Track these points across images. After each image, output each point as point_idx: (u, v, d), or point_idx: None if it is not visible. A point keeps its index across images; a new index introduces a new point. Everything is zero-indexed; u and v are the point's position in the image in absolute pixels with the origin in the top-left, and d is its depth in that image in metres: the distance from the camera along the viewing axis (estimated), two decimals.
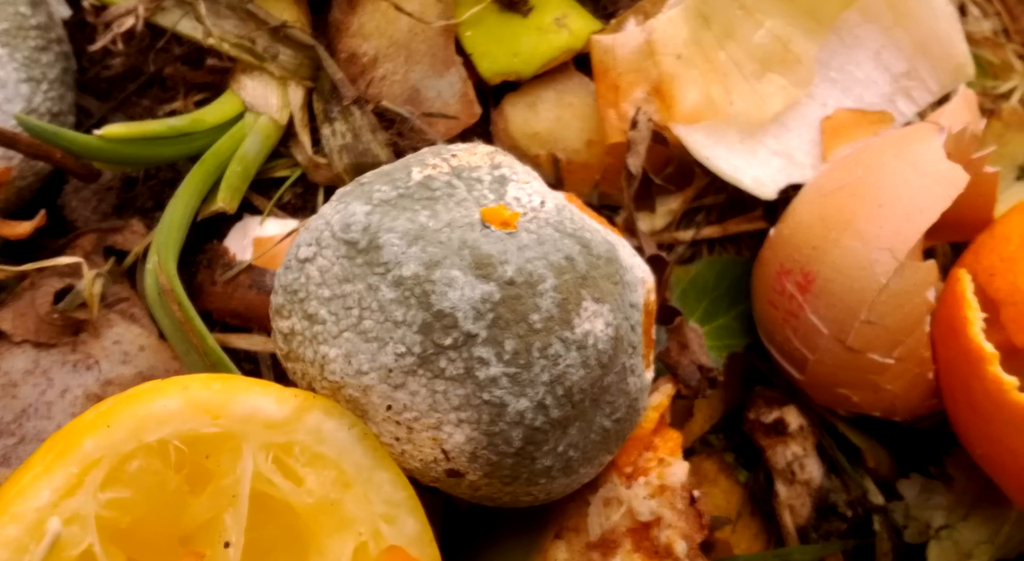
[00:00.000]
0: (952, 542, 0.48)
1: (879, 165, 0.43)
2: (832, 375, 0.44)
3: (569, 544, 0.38)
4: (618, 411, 0.36)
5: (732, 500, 0.51)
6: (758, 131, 0.50)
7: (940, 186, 0.41)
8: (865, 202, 0.42)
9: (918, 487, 0.50)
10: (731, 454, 0.51)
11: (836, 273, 0.42)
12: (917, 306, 0.42)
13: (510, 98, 0.52)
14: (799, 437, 0.48)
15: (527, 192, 0.35)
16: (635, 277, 0.37)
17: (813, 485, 0.48)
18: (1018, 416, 0.40)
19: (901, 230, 0.41)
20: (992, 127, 0.55)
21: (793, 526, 0.49)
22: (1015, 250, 0.44)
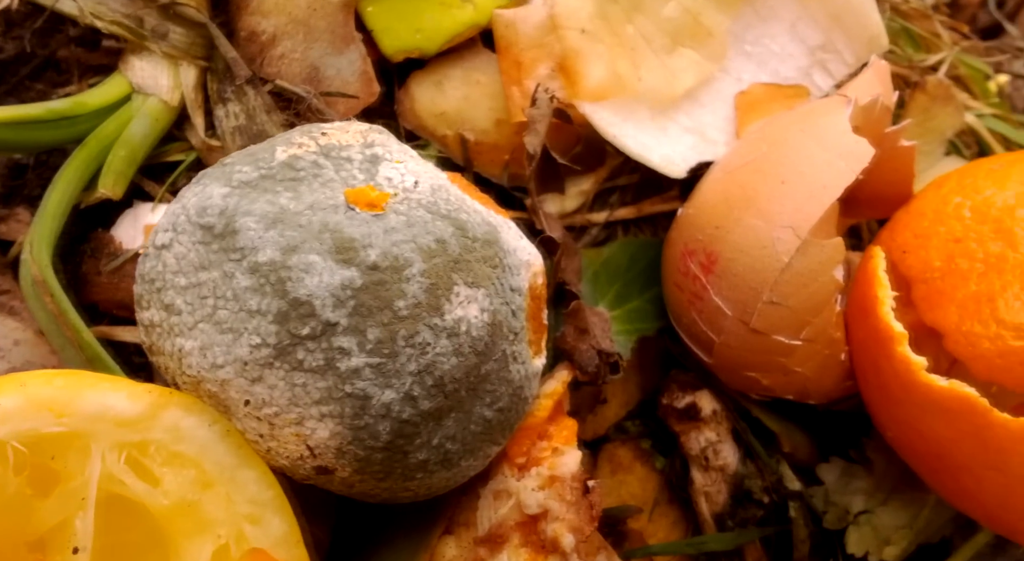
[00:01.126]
0: (871, 528, 0.47)
1: (784, 140, 0.42)
2: (739, 358, 0.43)
3: (459, 539, 0.37)
4: (500, 400, 0.34)
5: (648, 488, 0.49)
6: (670, 108, 0.48)
7: (845, 160, 0.39)
8: (768, 179, 0.41)
9: (838, 471, 0.48)
10: (648, 440, 0.50)
11: (738, 253, 0.40)
12: (824, 285, 0.40)
13: (416, 76, 0.50)
14: (713, 422, 0.47)
15: (400, 172, 0.33)
16: (519, 260, 0.35)
17: (729, 471, 0.47)
18: (926, 397, 0.39)
19: (803, 207, 0.39)
20: (917, 100, 0.54)
21: (710, 513, 0.47)
22: (929, 226, 0.43)
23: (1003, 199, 0.42)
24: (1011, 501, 0.39)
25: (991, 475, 0.38)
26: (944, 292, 0.41)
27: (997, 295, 0.39)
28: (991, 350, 0.39)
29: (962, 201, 0.43)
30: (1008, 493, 0.38)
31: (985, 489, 0.39)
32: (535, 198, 0.43)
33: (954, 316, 0.40)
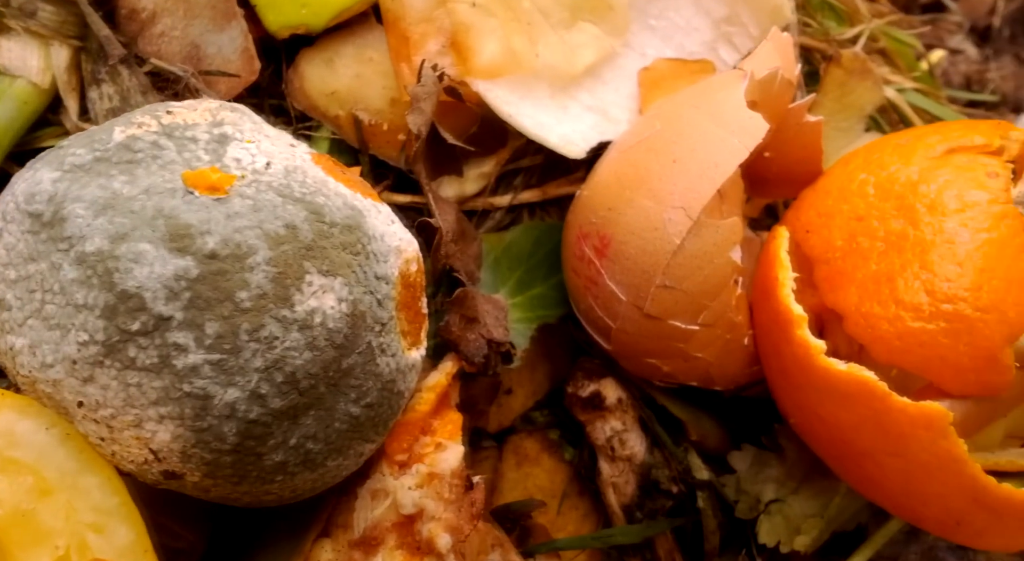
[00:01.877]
0: (782, 517, 0.45)
1: (678, 117, 0.40)
2: (637, 344, 0.41)
3: (335, 542, 0.35)
4: (368, 395, 0.32)
5: (556, 480, 0.48)
6: (571, 85, 0.46)
7: (738, 137, 0.38)
8: (660, 157, 0.39)
9: (750, 459, 0.47)
10: (556, 431, 0.48)
11: (630, 235, 0.39)
12: (719, 268, 0.39)
13: (305, 54, 0.47)
14: (618, 411, 0.45)
15: (251, 152, 0.31)
16: (387, 246, 0.33)
17: (636, 461, 0.45)
18: (825, 382, 0.37)
19: (695, 186, 0.38)
20: (832, 74, 0.52)
21: (618, 505, 0.46)
22: (833, 204, 0.42)
23: (907, 175, 0.40)
24: (913, 487, 0.37)
25: (892, 461, 0.37)
26: (845, 272, 0.39)
27: (896, 274, 0.38)
28: (890, 332, 0.37)
29: (867, 178, 0.41)
30: (909, 479, 0.37)
31: (887, 475, 0.38)
32: (425, 181, 0.41)
33: (854, 297, 0.38)
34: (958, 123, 0.44)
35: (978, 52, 0.99)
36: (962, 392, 0.37)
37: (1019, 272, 0.36)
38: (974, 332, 0.36)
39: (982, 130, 0.42)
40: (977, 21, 1.03)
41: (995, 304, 0.36)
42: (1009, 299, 0.36)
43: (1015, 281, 0.36)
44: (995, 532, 0.38)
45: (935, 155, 0.41)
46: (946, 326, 0.36)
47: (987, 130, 0.41)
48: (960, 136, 0.41)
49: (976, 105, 0.84)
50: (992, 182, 0.38)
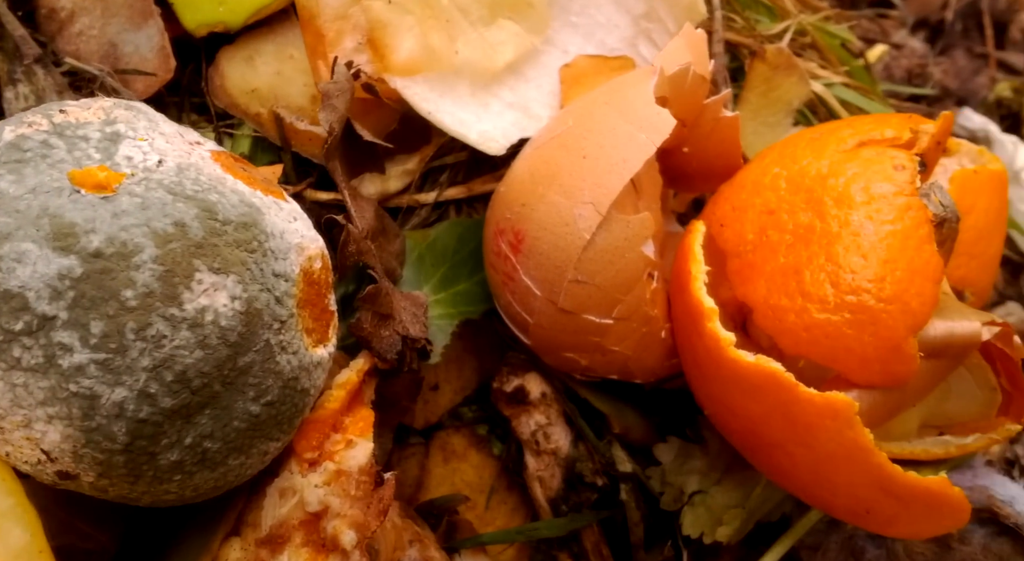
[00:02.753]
0: (705, 508, 0.46)
1: (589, 113, 0.40)
2: (554, 339, 0.41)
3: (244, 541, 0.35)
4: (268, 394, 0.32)
5: (485, 475, 0.48)
6: (492, 82, 0.46)
7: (646, 132, 0.38)
8: (571, 153, 0.39)
9: (675, 451, 0.47)
10: (485, 426, 0.49)
11: (543, 231, 0.39)
12: (631, 262, 0.39)
13: (226, 52, 0.47)
14: (542, 405, 0.45)
15: (143, 151, 0.31)
16: (287, 243, 0.33)
17: (561, 455, 0.46)
18: (735, 374, 0.38)
19: (604, 182, 0.38)
20: (757, 69, 0.53)
21: (544, 499, 0.46)
22: (747, 198, 0.42)
23: (817, 168, 0.40)
24: (822, 477, 0.38)
25: (801, 451, 0.37)
26: (755, 265, 0.40)
27: (803, 267, 0.38)
28: (797, 323, 0.38)
29: (780, 171, 0.42)
30: (818, 469, 0.38)
31: (797, 465, 0.38)
32: (340, 177, 0.41)
33: (763, 290, 0.39)
34: (871, 117, 0.45)
35: (924, 47, 1.00)
36: (868, 382, 0.37)
37: (922, 263, 0.37)
38: (878, 323, 0.36)
39: (893, 123, 0.42)
40: (930, 16, 1.05)
41: (898, 295, 0.36)
42: (912, 290, 0.36)
43: (918, 272, 0.37)
44: (904, 520, 0.38)
45: (846, 148, 0.41)
46: (850, 317, 0.37)
47: (898, 123, 0.42)
48: (871, 129, 0.42)
49: (918, 99, 0.85)
50: (898, 174, 0.38)
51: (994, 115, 0.98)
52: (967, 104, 0.96)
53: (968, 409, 0.43)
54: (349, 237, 0.37)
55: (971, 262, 0.46)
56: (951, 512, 0.37)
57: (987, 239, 0.46)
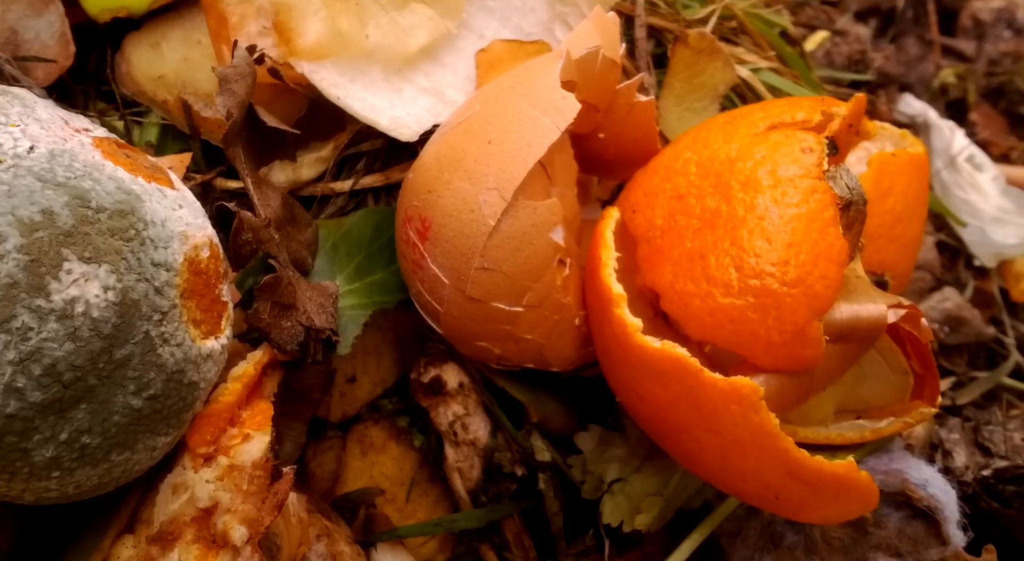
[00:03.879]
0: (624, 496, 0.45)
1: (495, 98, 0.39)
2: (465, 328, 0.41)
3: (136, 538, 0.34)
4: (150, 387, 0.31)
5: (405, 467, 0.47)
6: (406, 68, 0.45)
7: (550, 117, 0.37)
8: (476, 139, 0.38)
9: (596, 439, 0.47)
10: (405, 418, 0.48)
11: (448, 218, 0.38)
12: (539, 249, 0.39)
13: (131, 38, 0.46)
14: (459, 396, 0.45)
15: (13, 137, 0.30)
16: (168, 232, 0.32)
17: (480, 445, 0.45)
18: (642, 360, 0.37)
19: (508, 167, 0.37)
20: (680, 54, 0.52)
21: (464, 490, 0.45)
22: (658, 183, 0.41)
23: (726, 153, 0.40)
24: (730, 463, 0.37)
25: (709, 437, 0.37)
26: (663, 251, 0.39)
27: (709, 252, 0.38)
28: (702, 308, 0.37)
29: (691, 156, 0.41)
30: (726, 454, 0.37)
31: (705, 451, 0.38)
32: (241, 165, 0.40)
33: (669, 275, 0.38)
34: (784, 100, 0.45)
35: (868, 33, 1.01)
36: (775, 366, 0.37)
37: (827, 246, 0.36)
38: (782, 307, 0.36)
39: (805, 106, 0.42)
40: (881, 3, 1.05)
41: (802, 278, 0.36)
42: (816, 273, 0.36)
43: (822, 255, 0.36)
44: (814, 505, 0.38)
45: (757, 132, 0.41)
46: (754, 301, 0.36)
47: (810, 106, 0.42)
48: (782, 113, 0.42)
49: (859, 85, 0.85)
50: (806, 157, 0.38)
51: (940, 101, 0.99)
52: (913, 90, 0.97)
53: (884, 393, 0.43)
54: (242, 225, 0.36)
55: (890, 245, 0.46)
56: (860, 496, 0.37)
57: (906, 222, 0.46)
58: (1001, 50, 1.10)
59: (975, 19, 1.12)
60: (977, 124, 1.01)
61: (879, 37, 1.02)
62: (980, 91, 1.06)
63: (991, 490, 0.47)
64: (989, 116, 1.05)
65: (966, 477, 0.47)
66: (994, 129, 1.05)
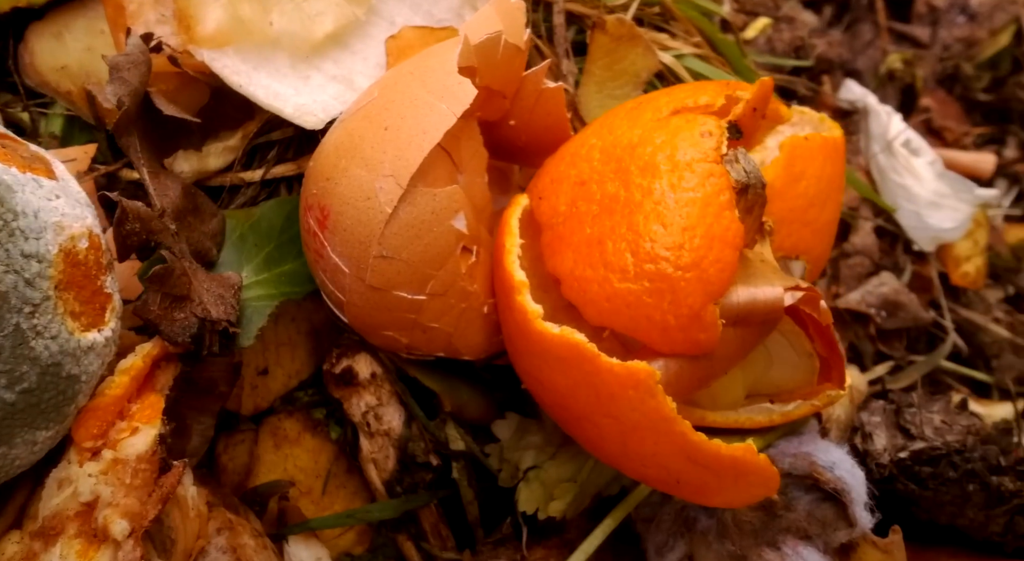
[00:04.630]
0: (540, 483, 0.45)
1: (394, 84, 0.39)
2: (369, 317, 0.40)
3: (22, 533, 0.33)
4: (24, 381, 0.30)
5: (321, 459, 0.47)
6: (314, 55, 0.45)
7: (446, 103, 0.37)
8: (373, 125, 0.38)
9: (513, 427, 0.47)
10: (322, 410, 0.47)
11: (346, 206, 0.38)
12: (441, 236, 0.38)
13: (34, 28, 0.45)
14: (372, 386, 0.44)
15: None
16: (40, 223, 0.31)
17: (394, 436, 0.45)
18: (542, 346, 0.37)
19: (404, 154, 0.37)
20: (598, 41, 0.52)
21: (380, 481, 0.45)
22: (564, 171, 0.41)
23: (629, 138, 0.40)
24: (630, 448, 0.37)
25: (608, 423, 0.37)
26: (564, 237, 0.39)
27: (606, 237, 0.38)
28: (599, 294, 0.37)
29: (595, 142, 0.41)
30: (625, 440, 0.37)
31: (605, 437, 0.38)
32: (136, 155, 0.39)
33: (569, 261, 0.38)
34: (691, 85, 0.44)
35: (815, 19, 1.01)
36: (672, 351, 0.37)
37: (722, 229, 0.36)
38: (676, 291, 0.36)
39: (710, 90, 0.42)
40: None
41: (696, 262, 0.36)
42: (710, 256, 0.36)
43: (717, 238, 0.36)
44: (715, 489, 0.38)
45: (660, 117, 0.41)
46: (649, 286, 0.36)
47: (714, 90, 0.42)
48: (687, 97, 0.42)
49: (801, 72, 0.85)
50: (704, 141, 0.38)
51: (888, 87, 0.99)
52: (860, 76, 0.97)
53: (793, 376, 0.43)
54: (125, 215, 0.35)
55: (803, 230, 0.46)
56: (759, 479, 0.37)
57: (819, 206, 0.46)
58: (955, 36, 1.11)
59: (929, 5, 1.12)
60: (932, 110, 1.01)
61: (834, 24, 1.03)
62: (935, 77, 1.07)
63: (908, 472, 0.48)
64: (944, 102, 1.06)
65: (883, 460, 0.48)
66: (948, 115, 1.05)
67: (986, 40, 1.10)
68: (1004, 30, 1.08)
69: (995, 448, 0.47)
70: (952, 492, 0.47)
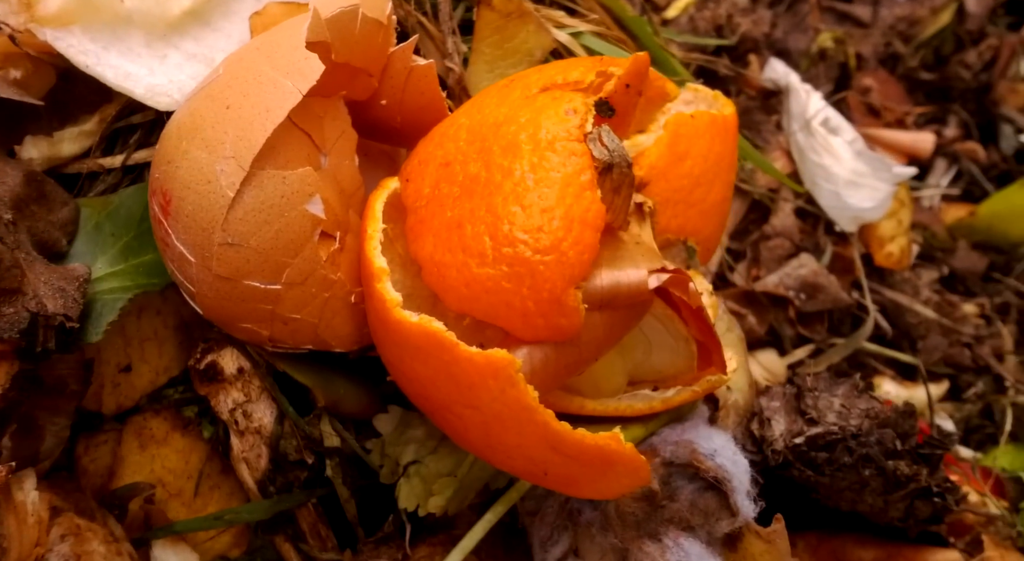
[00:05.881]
0: (420, 478, 0.43)
1: (239, 60, 0.37)
2: (223, 309, 0.38)
3: None
4: None
5: (192, 459, 0.45)
6: (172, 33, 0.42)
7: (292, 79, 0.35)
8: (215, 104, 0.36)
9: (396, 421, 0.45)
10: (193, 407, 0.45)
11: (187, 190, 0.36)
12: (293, 222, 0.36)
13: None
14: (239, 382, 0.42)
15: None
16: None
17: (265, 433, 0.43)
18: (402, 335, 0.35)
19: (246, 134, 0.35)
20: (485, 18, 0.50)
21: (253, 481, 0.43)
22: (431, 151, 0.39)
23: (495, 117, 0.38)
24: (493, 439, 0.36)
25: (470, 413, 0.35)
26: (426, 221, 0.37)
27: (466, 220, 0.36)
28: (458, 280, 0.35)
29: (464, 122, 0.39)
30: (488, 431, 0.36)
31: (468, 428, 0.36)
32: None
33: (429, 246, 0.37)
34: (564, 61, 0.43)
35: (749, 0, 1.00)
36: (535, 337, 0.35)
37: (581, 211, 0.35)
38: (535, 275, 0.34)
39: (581, 67, 0.40)
40: None
41: (555, 245, 0.34)
42: (570, 239, 0.34)
43: (576, 220, 0.35)
44: (583, 479, 0.37)
45: (530, 95, 0.39)
46: (508, 270, 0.35)
47: (586, 67, 0.40)
48: (557, 74, 0.40)
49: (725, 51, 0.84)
50: (569, 119, 0.36)
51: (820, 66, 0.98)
52: (791, 56, 0.96)
53: (674, 362, 0.42)
54: None
55: (689, 210, 0.45)
56: (627, 469, 0.36)
57: (706, 186, 0.45)
58: (896, 15, 1.10)
59: None
60: (872, 89, 1.01)
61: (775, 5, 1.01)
62: (877, 57, 1.06)
63: (804, 458, 0.47)
64: (885, 81, 1.05)
65: (777, 446, 0.47)
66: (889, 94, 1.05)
67: (927, 19, 1.09)
68: (945, 9, 1.07)
69: (891, 432, 0.46)
70: (849, 478, 0.46)
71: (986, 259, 0.89)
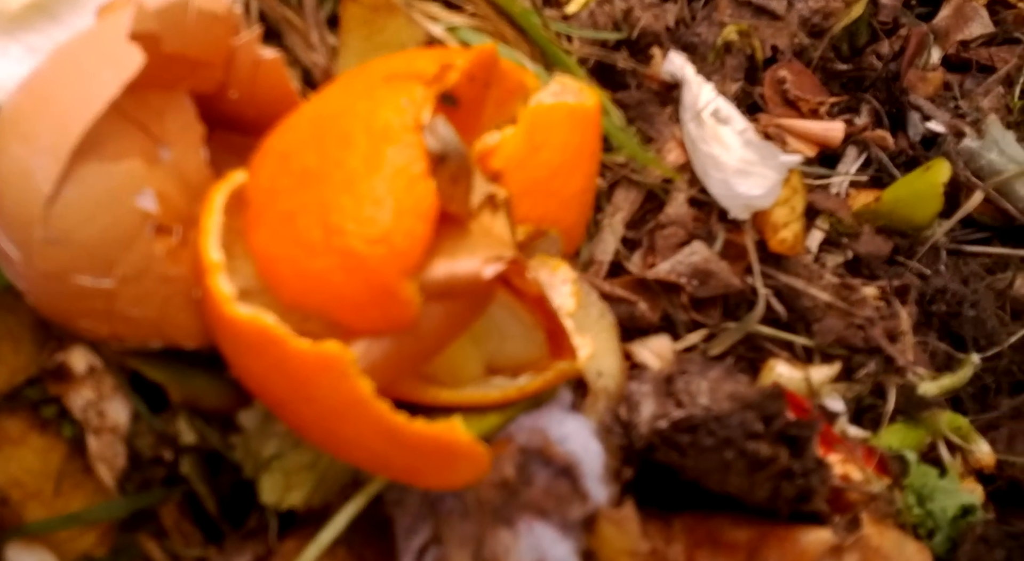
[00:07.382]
0: (282, 472, 0.43)
1: (62, 52, 0.36)
2: (55, 307, 0.38)
3: None
4: None
5: (51, 459, 0.44)
6: (14, 26, 0.42)
7: (111, 70, 0.34)
8: (33, 97, 0.35)
9: (261, 416, 0.45)
10: (53, 407, 0.44)
11: (5, 186, 0.35)
12: (122, 216, 0.36)
13: None
14: (90, 380, 0.42)
15: None
16: None
17: (121, 431, 0.42)
18: (234, 332, 0.35)
19: (64, 127, 0.34)
20: (350, 11, 0.50)
21: (112, 480, 0.43)
22: (272, 143, 0.39)
23: (336, 108, 0.38)
24: (332, 433, 0.36)
25: (306, 408, 0.35)
26: (262, 214, 0.37)
27: (298, 212, 0.36)
28: (291, 272, 0.35)
29: (308, 112, 0.39)
30: (326, 425, 0.36)
31: (307, 423, 0.36)
32: None
33: (263, 239, 0.36)
34: (410, 52, 0.43)
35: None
36: (370, 329, 0.35)
37: (413, 202, 0.35)
38: (366, 266, 0.34)
39: (425, 57, 0.40)
40: None
41: (385, 235, 0.34)
42: (400, 229, 0.34)
43: (407, 210, 0.35)
44: (426, 470, 0.37)
45: (372, 84, 0.39)
46: (339, 261, 0.35)
47: (430, 57, 0.40)
48: (401, 64, 0.40)
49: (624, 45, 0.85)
50: (406, 110, 0.36)
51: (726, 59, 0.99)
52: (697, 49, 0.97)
53: (527, 349, 0.42)
54: None
55: (549, 200, 0.45)
56: (467, 459, 0.36)
57: (565, 176, 0.45)
58: (811, 7, 1.12)
59: None
60: (787, 81, 1.02)
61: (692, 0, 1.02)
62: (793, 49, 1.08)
63: (669, 441, 0.47)
64: (800, 73, 1.06)
65: (642, 429, 0.47)
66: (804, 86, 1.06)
67: (841, 11, 1.11)
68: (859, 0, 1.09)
69: (753, 414, 0.47)
70: (712, 460, 0.47)
71: (891, 243, 0.91)
